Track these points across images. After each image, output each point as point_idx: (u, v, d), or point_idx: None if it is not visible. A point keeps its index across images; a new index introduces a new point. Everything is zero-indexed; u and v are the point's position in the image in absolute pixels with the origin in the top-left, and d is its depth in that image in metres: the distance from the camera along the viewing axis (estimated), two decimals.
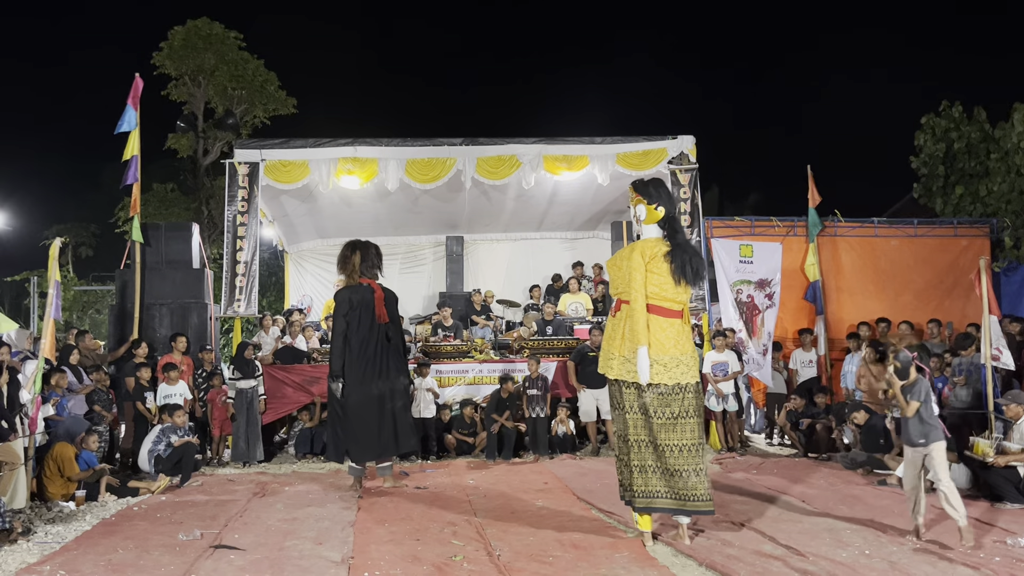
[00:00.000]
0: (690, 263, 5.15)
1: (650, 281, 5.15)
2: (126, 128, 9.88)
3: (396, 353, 7.51)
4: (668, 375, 5.13)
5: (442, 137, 10.60)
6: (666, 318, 5.18)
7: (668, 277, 5.14)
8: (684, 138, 10.65)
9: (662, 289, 5.16)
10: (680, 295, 5.20)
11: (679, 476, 5.12)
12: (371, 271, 7.57)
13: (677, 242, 5.25)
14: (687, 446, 5.14)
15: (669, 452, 5.13)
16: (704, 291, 10.36)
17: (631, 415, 5.25)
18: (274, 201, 11.67)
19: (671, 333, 5.17)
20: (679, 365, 5.15)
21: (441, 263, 14.29)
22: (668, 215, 5.30)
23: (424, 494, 7.11)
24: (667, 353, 5.13)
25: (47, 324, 7.40)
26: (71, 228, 26.00)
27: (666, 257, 5.16)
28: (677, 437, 5.15)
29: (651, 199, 5.30)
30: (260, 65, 19.83)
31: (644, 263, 5.15)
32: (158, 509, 6.64)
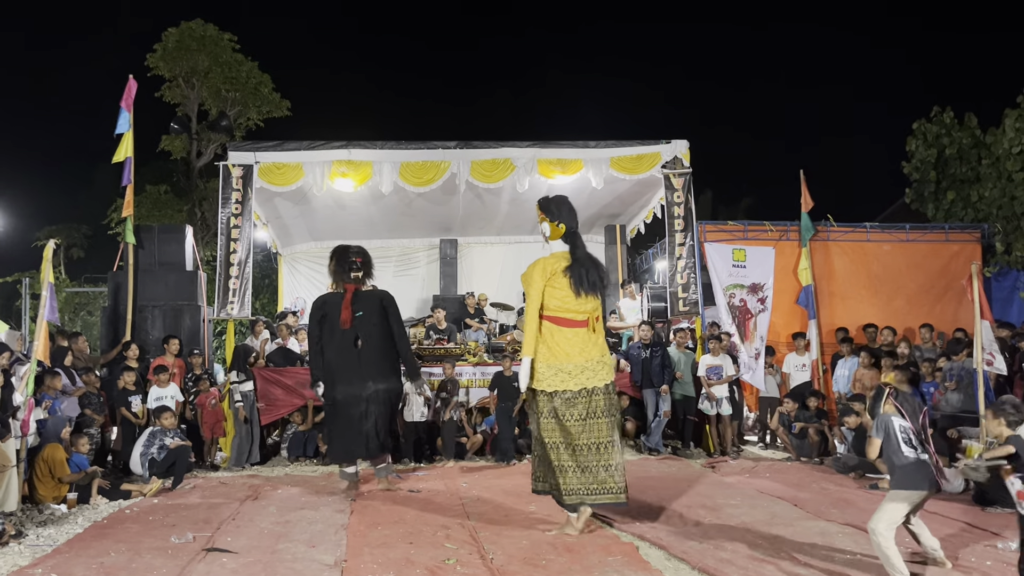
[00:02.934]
0: (587, 275, 5.54)
1: (553, 295, 5.54)
2: (120, 130, 9.87)
3: (376, 357, 7.30)
4: (573, 381, 5.50)
5: (436, 140, 10.60)
6: (570, 328, 5.56)
7: (569, 291, 5.51)
8: (678, 142, 10.68)
9: (564, 302, 5.53)
10: (583, 305, 5.55)
11: (590, 472, 5.48)
12: (345, 275, 7.47)
13: (576, 256, 5.62)
14: (597, 444, 5.50)
15: (579, 451, 5.50)
16: (697, 295, 10.39)
17: (544, 419, 5.57)
18: (268, 203, 11.65)
19: (576, 342, 5.55)
20: (584, 371, 5.52)
21: (435, 266, 14.31)
22: (569, 230, 5.68)
23: (417, 497, 7.11)
24: (572, 361, 5.51)
25: (40, 326, 7.37)
26: (63, 229, 25.84)
27: (565, 272, 5.54)
28: (587, 436, 5.50)
29: (553, 216, 5.70)
30: (254, 67, 19.78)
31: (544, 279, 5.55)
32: (150, 512, 6.62)
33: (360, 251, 7.63)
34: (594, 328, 5.63)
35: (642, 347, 9.83)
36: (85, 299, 21.20)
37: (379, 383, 7.24)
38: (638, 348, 9.90)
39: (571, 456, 5.51)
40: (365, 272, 7.57)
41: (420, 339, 10.86)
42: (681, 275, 10.46)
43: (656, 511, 6.39)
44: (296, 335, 10.65)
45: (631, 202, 12.71)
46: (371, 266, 7.71)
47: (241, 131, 19.74)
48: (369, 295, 7.52)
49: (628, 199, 12.51)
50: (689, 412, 9.73)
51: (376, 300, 7.51)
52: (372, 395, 7.19)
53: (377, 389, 7.22)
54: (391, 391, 7.43)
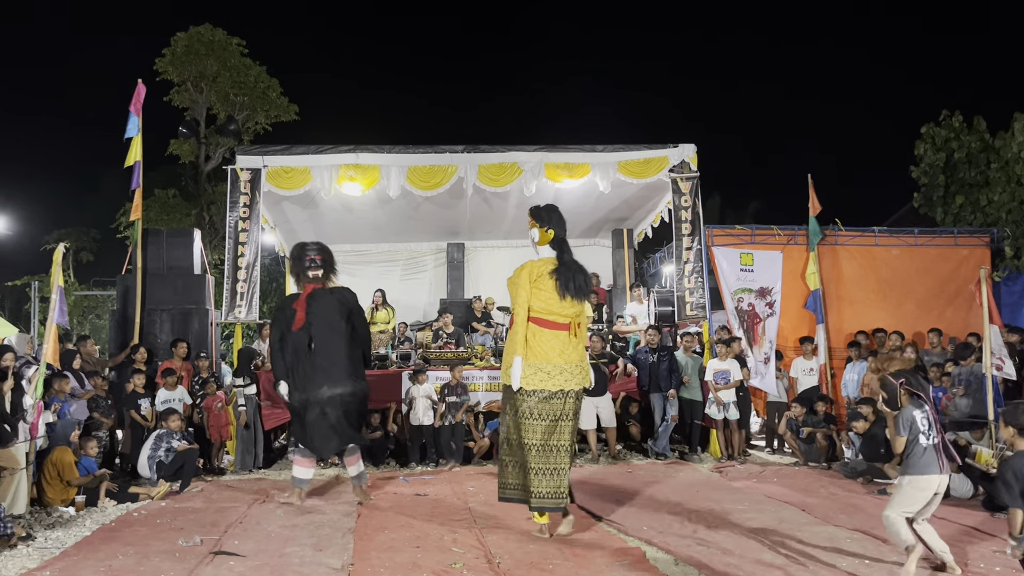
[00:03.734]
0: (573, 280, 5.66)
1: (538, 297, 5.67)
2: (129, 134, 9.91)
3: (334, 359, 6.86)
4: (551, 382, 5.61)
5: (444, 144, 10.62)
6: (552, 330, 5.68)
7: (554, 293, 5.63)
8: (685, 146, 10.66)
9: (548, 304, 5.65)
10: (567, 309, 5.67)
11: (556, 474, 5.59)
12: (304, 275, 7.12)
13: (563, 261, 5.76)
14: (560, 447, 5.63)
15: (549, 452, 5.61)
16: (704, 299, 10.37)
17: (523, 419, 5.66)
18: (276, 207, 11.69)
19: (556, 344, 5.66)
20: (562, 373, 5.63)
21: (442, 270, 14.33)
22: (557, 237, 5.82)
23: (424, 501, 7.10)
24: (551, 362, 5.62)
25: (49, 329, 7.41)
26: (72, 233, 25.96)
27: (551, 275, 5.67)
28: (555, 438, 5.63)
29: (543, 223, 5.84)
30: (262, 72, 19.86)
31: (530, 281, 5.68)
32: (158, 515, 6.63)
33: (319, 248, 7.25)
34: (575, 332, 5.76)
35: (649, 351, 9.82)
36: (94, 302, 21.30)
37: (336, 387, 6.80)
38: (645, 352, 9.88)
39: (541, 459, 5.61)
40: (326, 270, 7.16)
41: (428, 343, 10.86)
42: (688, 279, 10.44)
43: (664, 516, 6.38)
44: None
45: (638, 206, 12.70)
46: (332, 264, 7.29)
47: (249, 135, 19.82)
48: (327, 294, 7.08)
49: (635, 203, 12.50)
50: (696, 417, 9.71)
51: (335, 299, 7.08)
52: (328, 400, 6.79)
53: (334, 394, 6.79)
54: (353, 394, 6.93)
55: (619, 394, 9.89)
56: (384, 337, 11.75)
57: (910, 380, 5.05)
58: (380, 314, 12.30)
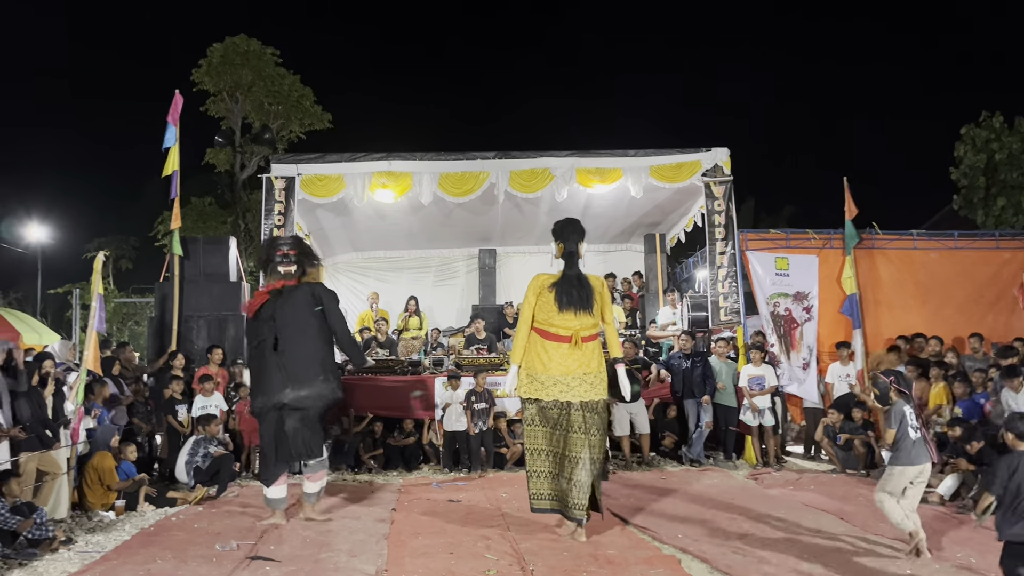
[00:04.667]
0: (568, 294, 5.77)
1: (541, 309, 5.84)
2: (167, 145, 10.07)
3: (301, 360, 6.29)
4: (546, 392, 5.75)
5: (475, 151, 10.66)
6: (551, 341, 5.81)
7: (552, 305, 5.78)
8: (718, 150, 10.59)
9: (548, 316, 5.80)
10: (568, 321, 5.78)
11: (557, 482, 5.77)
12: (274, 270, 6.63)
13: (564, 275, 5.90)
14: (564, 456, 5.74)
15: (550, 458, 5.80)
16: (738, 304, 10.27)
17: (527, 426, 5.89)
18: (310, 215, 11.80)
19: (555, 355, 5.78)
20: (557, 384, 5.74)
21: (474, 276, 14.35)
22: (567, 250, 5.98)
23: (458, 507, 7.11)
24: (547, 372, 5.76)
25: (90, 336, 7.55)
26: (111, 241, 26.51)
27: (551, 287, 5.82)
28: (556, 447, 5.77)
29: (556, 236, 6.05)
30: (296, 80, 20.13)
31: (536, 293, 5.88)
32: (195, 519, 6.72)
33: (292, 242, 6.79)
34: (578, 344, 5.82)
35: (683, 357, 9.74)
36: (133, 309, 21.69)
37: (300, 388, 6.25)
38: (679, 358, 9.80)
39: (544, 463, 5.81)
40: (300, 265, 6.59)
41: (460, 349, 10.88)
42: (722, 284, 10.35)
43: (698, 524, 6.32)
44: None
45: (671, 210, 12.63)
46: (308, 256, 6.78)
47: (283, 144, 20.08)
48: (295, 290, 6.49)
49: (668, 207, 12.43)
50: (731, 423, 9.61)
51: (304, 295, 6.48)
52: (291, 402, 6.26)
53: (298, 395, 6.25)
54: (318, 396, 6.35)
55: (652, 400, 9.82)
56: (417, 343, 11.80)
57: (899, 378, 5.51)
58: (413, 320, 12.35)
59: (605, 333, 6.11)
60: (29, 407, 6.65)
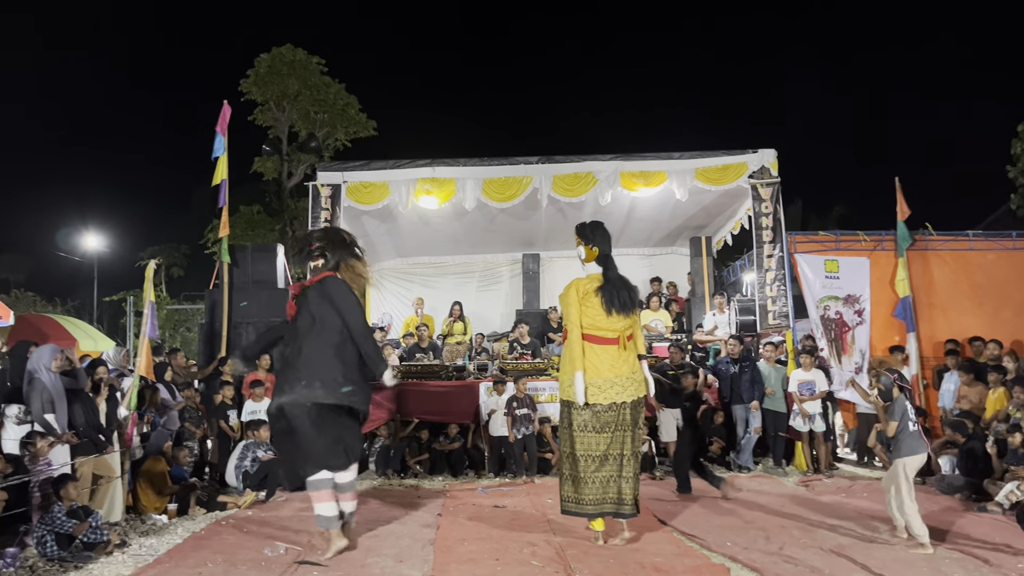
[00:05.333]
0: (617, 296, 5.76)
1: (586, 314, 5.81)
2: (216, 154, 10.25)
3: (313, 361, 5.59)
4: (603, 395, 5.72)
5: (518, 156, 10.66)
6: (600, 345, 5.79)
7: (600, 309, 5.75)
8: (765, 152, 10.43)
9: (595, 320, 5.77)
10: (614, 324, 5.77)
11: (613, 483, 5.72)
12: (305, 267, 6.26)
13: (608, 277, 5.88)
14: (620, 456, 5.73)
15: (602, 462, 5.73)
16: (787, 308, 10.10)
17: (576, 432, 5.78)
18: (355, 221, 11.90)
19: (605, 359, 5.77)
20: (613, 386, 5.73)
21: (518, 280, 14.34)
22: (603, 253, 5.98)
23: (503, 513, 7.09)
24: (601, 376, 5.74)
25: (142, 342, 7.71)
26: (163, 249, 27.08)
27: (596, 292, 5.80)
28: (613, 448, 5.73)
29: (587, 240, 6.02)
30: (341, 89, 20.37)
31: (578, 298, 5.84)
32: (245, 524, 6.80)
33: (319, 233, 6.23)
34: (624, 346, 5.82)
35: (731, 362, 9.61)
36: (184, 316, 22.12)
37: (310, 392, 5.51)
38: (727, 363, 9.67)
39: (597, 468, 5.73)
40: (328, 257, 5.94)
41: (504, 354, 10.88)
42: (770, 287, 10.19)
43: (748, 531, 6.21)
44: (384, 350, 10.81)
45: (717, 213, 12.47)
46: (337, 246, 6.01)
47: (329, 151, 20.32)
48: (313, 287, 5.84)
49: (714, 210, 12.28)
50: (780, 429, 9.44)
51: (316, 291, 5.78)
52: (293, 409, 5.58)
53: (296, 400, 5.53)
54: (321, 408, 5.57)
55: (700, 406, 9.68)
56: (461, 348, 11.83)
57: (901, 376, 5.92)
58: (457, 325, 12.39)
59: (634, 332, 6.03)
60: (84, 412, 6.81)
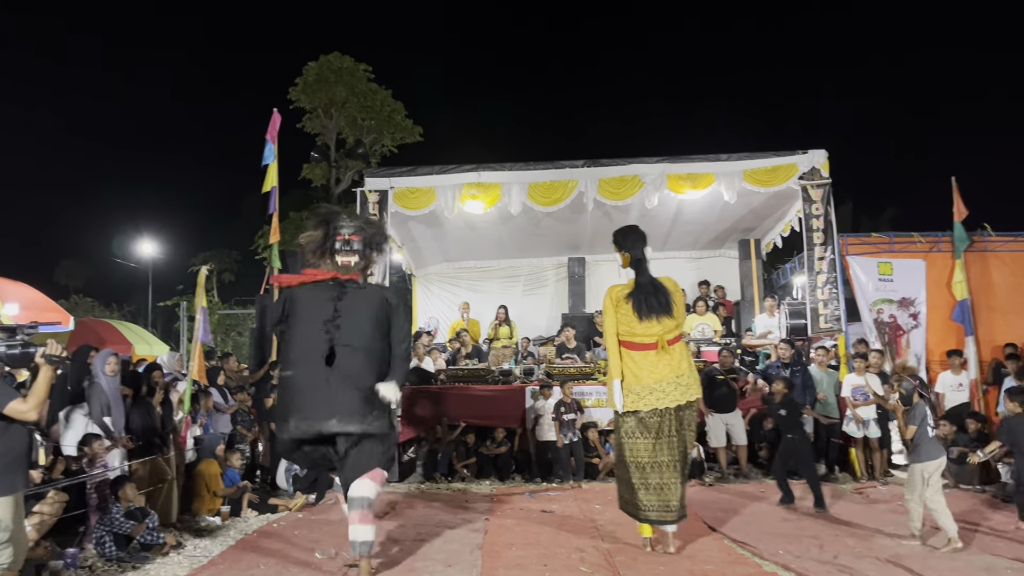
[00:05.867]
0: (646, 301, 5.69)
1: (621, 321, 5.77)
2: (266, 162, 10.41)
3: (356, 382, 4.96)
4: (643, 402, 5.65)
5: (564, 159, 10.64)
6: (639, 351, 5.74)
7: (632, 315, 5.71)
8: (815, 152, 10.25)
9: (630, 327, 5.74)
10: (650, 328, 5.69)
11: (662, 490, 5.60)
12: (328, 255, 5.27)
13: (638, 283, 5.82)
14: (669, 463, 5.62)
15: (652, 469, 5.64)
16: (839, 311, 9.89)
17: (625, 439, 5.76)
18: (402, 227, 12.01)
19: (644, 364, 5.71)
20: (653, 392, 5.65)
21: (563, 284, 14.31)
22: (634, 258, 5.92)
23: (551, 518, 7.07)
24: (641, 382, 5.68)
25: (195, 347, 7.87)
26: (215, 255, 27.67)
27: (627, 298, 5.76)
28: (661, 455, 5.64)
29: (620, 246, 6.01)
30: (388, 95, 20.61)
31: (613, 305, 5.81)
32: (296, 526, 6.89)
33: (359, 225, 5.27)
34: (664, 349, 5.74)
35: (781, 366, 9.44)
36: (235, 320, 22.55)
37: (349, 422, 4.88)
38: (777, 367, 9.51)
39: (644, 474, 5.65)
40: (364, 257, 5.19)
41: (551, 358, 10.85)
42: (822, 290, 9.99)
43: (800, 539, 6.09)
44: (430, 354, 10.89)
45: (766, 215, 12.29)
46: (376, 249, 5.33)
47: (376, 158, 20.57)
48: (363, 294, 5.11)
49: (763, 212, 12.11)
50: (833, 435, 9.25)
51: (373, 302, 5.10)
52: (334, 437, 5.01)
53: (346, 431, 4.92)
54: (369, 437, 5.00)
55: (749, 411, 9.55)
56: (507, 352, 11.84)
57: (922, 383, 6.19)
58: (503, 329, 12.41)
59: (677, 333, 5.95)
60: (140, 416, 6.97)
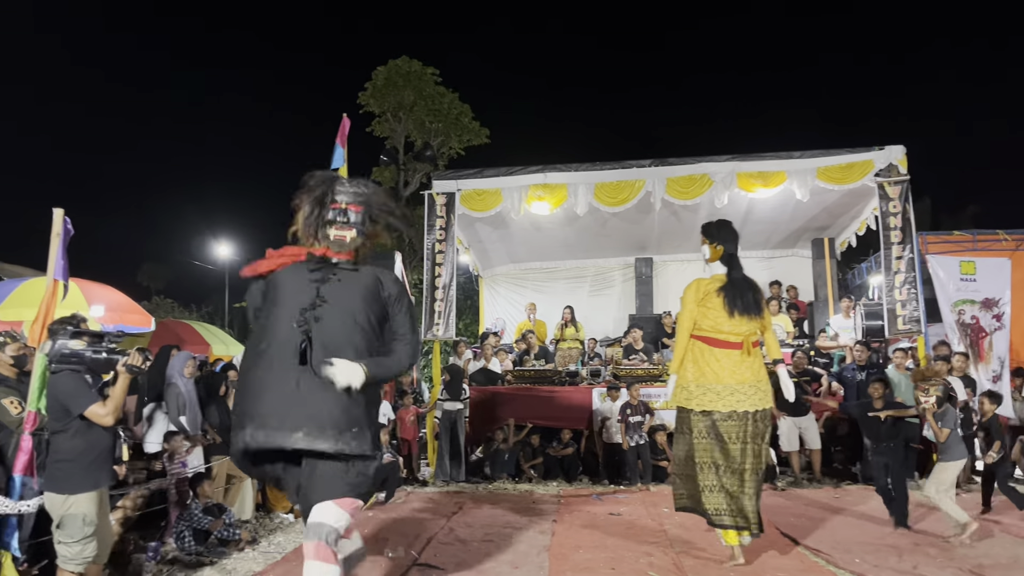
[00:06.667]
0: (740, 297, 5.43)
1: (706, 316, 5.49)
2: (336, 165, 10.62)
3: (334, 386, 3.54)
4: (722, 402, 5.37)
5: (631, 159, 10.55)
6: (723, 349, 5.47)
7: (722, 310, 5.44)
8: (892, 148, 9.91)
9: (717, 323, 5.46)
10: (738, 327, 5.42)
11: (735, 498, 5.31)
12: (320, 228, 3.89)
13: (731, 277, 5.55)
14: (744, 470, 5.34)
15: (725, 473, 5.35)
16: (918, 312, 9.56)
17: (697, 439, 5.48)
18: (469, 228, 12.10)
19: (727, 363, 5.43)
20: (734, 393, 5.37)
21: (630, 285, 14.20)
22: (727, 252, 5.63)
23: (619, 521, 7.03)
24: (721, 382, 5.40)
25: None
26: None
27: (718, 292, 5.48)
28: (737, 461, 5.35)
29: (712, 238, 5.68)
30: (455, 98, 20.80)
31: (697, 299, 5.54)
32: (366, 524, 7.00)
33: (358, 192, 3.90)
34: (749, 351, 5.50)
35: (857, 369, 9.18)
36: None
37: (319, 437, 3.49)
38: (852, 370, 9.25)
39: (717, 477, 5.37)
40: (362, 232, 3.90)
41: (618, 359, 10.78)
42: (900, 290, 9.67)
43: (877, 548, 5.90)
44: (497, 355, 10.95)
45: (840, 213, 11.97)
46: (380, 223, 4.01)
47: (444, 160, 20.77)
48: (356, 277, 3.83)
49: (837, 211, 11.79)
50: (912, 440, 8.93)
51: (369, 287, 3.83)
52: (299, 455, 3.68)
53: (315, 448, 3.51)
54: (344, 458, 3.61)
55: (823, 414, 9.31)
56: (574, 353, 11.81)
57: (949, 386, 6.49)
58: (569, 330, 12.39)
59: (764, 337, 5.73)
60: (216, 415, 7.19)
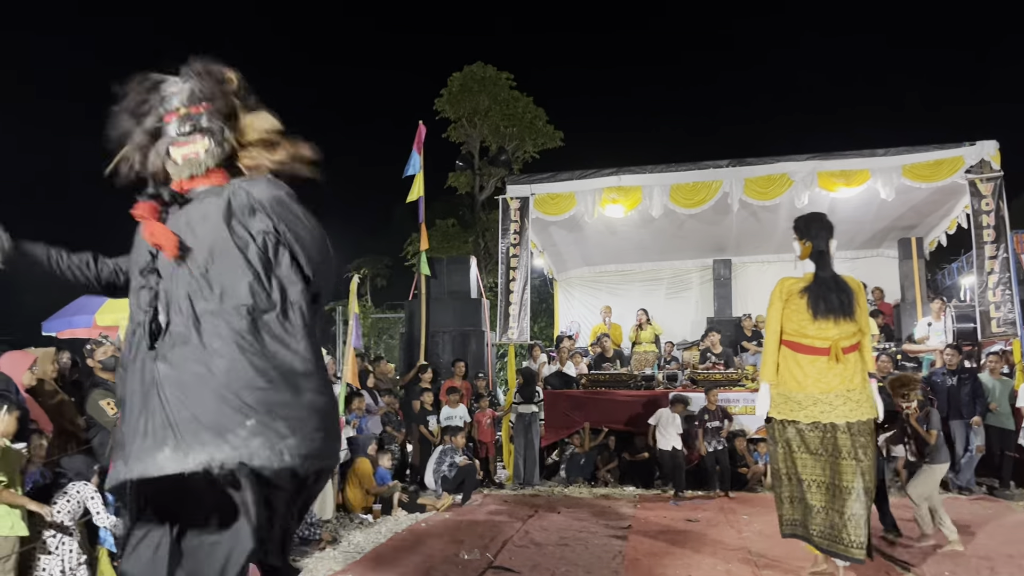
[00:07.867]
0: (824, 298, 4.92)
1: (790, 318, 5.05)
2: (412, 171, 10.81)
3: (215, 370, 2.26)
4: (803, 413, 4.94)
5: (707, 160, 10.41)
6: (807, 355, 4.99)
7: (805, 312, 4.97)
8: (984, 144, 9.50)
9: (801, 326, 5.00)
10: (825, 331, 4.91)
11: (820, 513, 4.89)
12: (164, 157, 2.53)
13: (818, 277, 5.07)
14: (831, 485, 4.86)
15: (805, 485, 4.96)
16: (1013, 313, 9.13)
17: (777, 448, 5.14)
18: (543, 232, 12.13)
19: (811, 371, 4.96)
20: (817, 403, 4.91)
21: (708, 287, 14.00)
22: (816, 249, 5.16)
23: (695, 527, 6.93)
24: (803, 391, 4.95)
25: (348, 351, 8.28)
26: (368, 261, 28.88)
27: (802, 292, 5.01)
28: (819, 475, 4.92)
29: (802, 235, 5.25)
30: (529, 102, 20.87)
31: (782, 300, 5.11)
32: (442, 526, 7.11)
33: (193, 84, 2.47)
34: (838, 357, 4.97)
35: (947, 373, 8.82)
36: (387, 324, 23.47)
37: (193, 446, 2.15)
38: (942, 375, 8.89)
39: (795, 488, 5.03)
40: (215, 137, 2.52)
41: (695, 363, 10.63)
42: (993, 292, 9.25)
43: (970, 561, 5.66)
44: (572, 358, 10.94)
45: (928, 212, 11.53)
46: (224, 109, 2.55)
47: (519, 164, 20.86)
48: (207, 207, 2.46)
49: (925, 209, 11.36)
50: (1007, 447, 8.54)
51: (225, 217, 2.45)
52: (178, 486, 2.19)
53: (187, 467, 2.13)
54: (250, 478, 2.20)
55: None
56: (650, 357, 11.70)
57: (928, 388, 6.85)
58: (644, 333, 12.27)
59: (861, 344, 5.19)
60: None
